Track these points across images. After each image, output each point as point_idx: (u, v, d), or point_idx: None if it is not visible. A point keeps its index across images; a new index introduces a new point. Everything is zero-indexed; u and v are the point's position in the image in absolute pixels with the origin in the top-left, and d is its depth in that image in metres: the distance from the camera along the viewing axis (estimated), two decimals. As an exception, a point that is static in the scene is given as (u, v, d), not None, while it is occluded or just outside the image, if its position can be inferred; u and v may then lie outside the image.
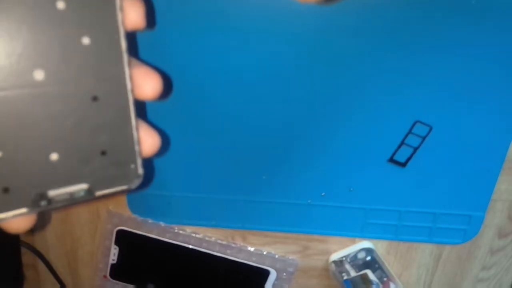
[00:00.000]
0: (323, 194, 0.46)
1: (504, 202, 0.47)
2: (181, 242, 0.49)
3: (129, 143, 0.24)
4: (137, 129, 0.24)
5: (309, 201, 0.46)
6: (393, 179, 0.45)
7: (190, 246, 0.49)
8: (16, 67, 0.21)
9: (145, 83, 0.24)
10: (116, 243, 0.50)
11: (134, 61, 0.24)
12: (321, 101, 0.41)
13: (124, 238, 0.49)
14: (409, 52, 0.39)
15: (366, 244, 0.49)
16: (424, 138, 0.43)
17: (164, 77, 0.30)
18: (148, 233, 0.49)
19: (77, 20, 0.21)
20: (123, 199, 0.48)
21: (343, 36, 0.38)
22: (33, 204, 0.23)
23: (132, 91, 0.23)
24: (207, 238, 0.49)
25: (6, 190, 0.22)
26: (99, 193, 0.24)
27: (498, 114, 0.41)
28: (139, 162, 0.25)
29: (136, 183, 0.25)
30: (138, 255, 0.51)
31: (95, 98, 0.23)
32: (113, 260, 0.51)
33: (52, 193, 0.23)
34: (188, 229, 0.49)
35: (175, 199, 0.47)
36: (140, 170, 0.25)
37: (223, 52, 0.39)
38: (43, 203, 0.23)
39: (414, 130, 0.42)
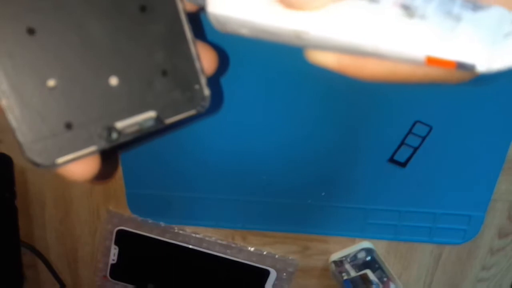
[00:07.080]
0: (323, 194, 0.46)
1: (504, 202, 0.47)
2: (181, 242, 0.49)
3: (189, 59, 0.22)
4: (194, 43, 0.22)
5: (309, 201, 0.46)
6: (393, 179, 0.45)
7: (190, 246, 0.49)
8: None
9: None
10: (116, 243, 0.50)
11: None
12: (321, 101, 0.41)
13: (124, 238, 0.49)
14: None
15: (366, 244, 0.49)
16: (424, 138, 0.43)
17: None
18: (148, 233, 0.49)
19: None
20: (123, 199, 0.48)
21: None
22: (101, 139, 0.20)
23: None
24: (207, 238, 0.49)
25: (69, 125, 0.20)
26: (168, 120, 0.22)
27: (498, 114, 0.41)
28: (203, 81, 0.22)
29: (204, 106, 0.23)
30: (138, 255, 0.51)
31: (143, 8, 0.20)
32: (113, 260, 0.51)
33: (120, 124, 0.21)
34: (188, 229, 0.49)
35: (175, 199, 0.47)
36: (206, 91, 0.23)
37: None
38: (114, 136, 0.20)
39: (414, 130, 0.42)
